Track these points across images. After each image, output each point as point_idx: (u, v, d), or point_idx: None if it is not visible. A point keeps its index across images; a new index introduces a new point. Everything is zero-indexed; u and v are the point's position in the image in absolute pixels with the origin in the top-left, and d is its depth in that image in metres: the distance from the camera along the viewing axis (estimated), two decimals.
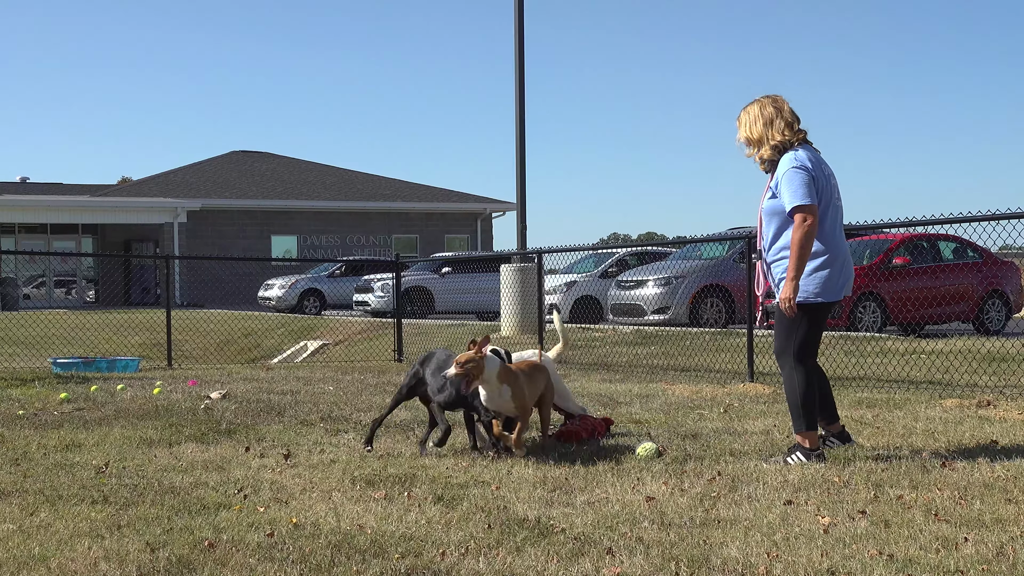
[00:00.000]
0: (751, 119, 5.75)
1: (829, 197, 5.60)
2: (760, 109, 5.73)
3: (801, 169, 5.50)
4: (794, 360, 5.63)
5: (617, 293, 18.47)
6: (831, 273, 5.59)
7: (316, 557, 3.86)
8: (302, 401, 8.77)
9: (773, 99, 5.76)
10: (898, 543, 3.95)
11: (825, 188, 5.57)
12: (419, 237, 41.23)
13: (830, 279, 5.60)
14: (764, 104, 5.74)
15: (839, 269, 5.63)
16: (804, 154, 5.59)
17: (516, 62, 18.23)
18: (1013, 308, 16.28)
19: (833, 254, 5.60)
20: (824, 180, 5.58)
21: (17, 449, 6.36)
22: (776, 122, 5.67)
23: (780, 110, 5.70)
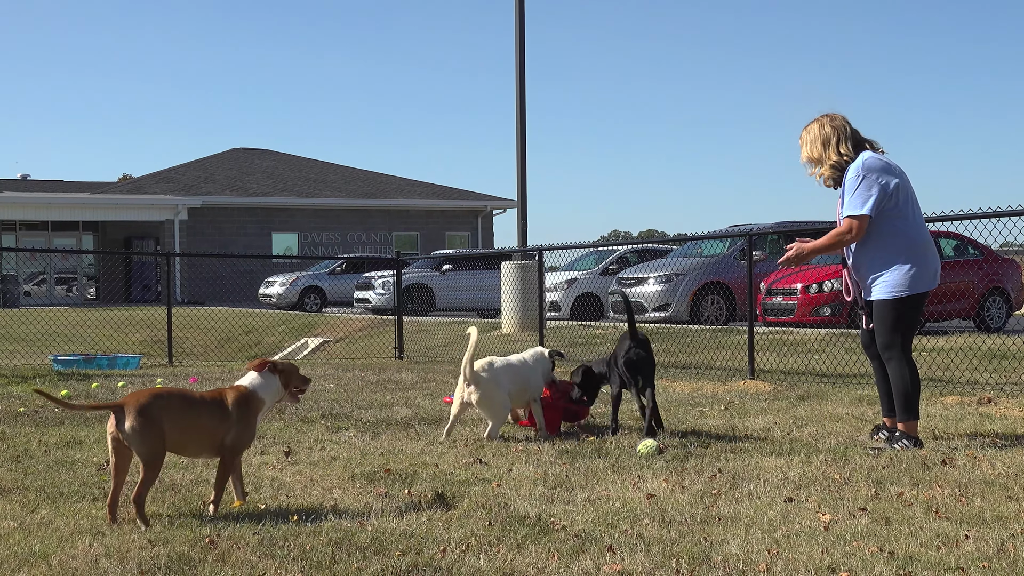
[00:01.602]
0: (811, 139, 5.99)
1: (906, 194, 5.79)
2: (819, 129, 5.96)
3: (866, 175, 5.74)
4: (901, 352, 5.84)
5: (618, 291, 18.46)
6: (919, 269, 5.79)
7: (317, 554, 3.86)
8: (303, 399, 8.78)
9: (831, 118, 5.97)
10: (899, 540, 3.96)
11: (901, 186, 5.77)
12: (420, 234, 41.22)
13: (919, 274, 5.80)
14: (823, 124, 5.96)
15: (930, 264, 5.84)
16: (870, 157, 5.80)
17: (517, 60, 18.22)
18: (1014, 305, 16.27)
19: (920, 252, 5.80)
20: (898, 177, 5.78)
21: (18, 446, 6.36)
22: (834, 140, 5.89)
23: (837, 129, 5.91)
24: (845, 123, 5.94)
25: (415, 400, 8.68)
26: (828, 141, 5.92)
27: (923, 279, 5.80)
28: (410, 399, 8.75)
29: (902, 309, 5.79)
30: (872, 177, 5.73)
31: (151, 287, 36.65)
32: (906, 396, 5.83)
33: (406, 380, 10.44)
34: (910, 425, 5.86)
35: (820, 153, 5.95)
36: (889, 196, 5.74)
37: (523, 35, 18.18)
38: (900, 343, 5.83)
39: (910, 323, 5.86)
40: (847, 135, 5.91)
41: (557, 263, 16.27)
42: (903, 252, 5.78)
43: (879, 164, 5.78)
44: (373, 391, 9.35)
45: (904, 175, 5.85)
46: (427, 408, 8.09)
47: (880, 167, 5.77)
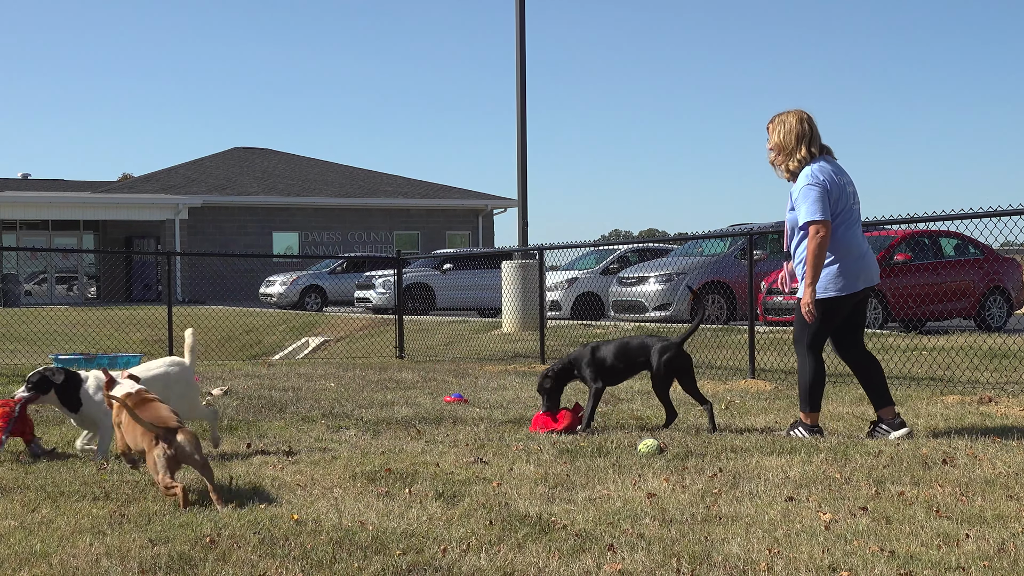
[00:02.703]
0: (787, 129, 6.24)
1: (845, 204, 6.13)
2: (797, 122, 6.23)
3: (815, 185, 6.05)
4: (807, 348, 6.28)
5: (618, 290, 18.47)
6: (841, 269, 6.14)
7: (317, 553, 3.86)
8: (303, 398, 8.78)
9: (808, 118, 6.27)
10: (899, 539, 3.96)
11: (840, 197, 6.11)
12: (420, 233, 41.22)
13: (836, 275, 6.15)
14: (801, 119, 6.24)
15: (851, 264, 6.15)
16: (820, 168, 6.13)
17: (517, 59, 18.22)
18: (1014, 305, 16.27)
19: (844, 253, 6.13)
20: (839, 189, 6.11)
21: (18, 445, 6.36)
22: (806, 139, 6.20)
23: (811, 130, 6.23)
24: (815, 125, 6.26)
25: (416, 399, 8.68)
26: (802, 138, 6.20)
27: (841, 284, 6.14)
28: (411, 398, 8.75)
29: (817, 309, 6.15)
30: (823, 187, 6.06)
31: (152, 286, 36.65)
32: (805, 388, 6.28)
33: (407, 379, 10.44)
34: (810, 416, 6.32)
35: (792, 146, 6.22)
36: (833, 205, 6.09)
37: (523, 34, 18.18)
38: (808, 339, 6.26)
39: (822, 322, 6.21)
40: (816, 138, 6.23)
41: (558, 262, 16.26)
42: (834, 256, 6.12)
43: (827, 175, 6.10)
44: (374, 390, 9.36)
45: (846, 187, 6.18)
46: (428, 407, 8.09)
47: (827, 178, 6.09)
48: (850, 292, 6.18)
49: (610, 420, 7.18)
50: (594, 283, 20.04)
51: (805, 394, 6.30)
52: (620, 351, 6.90)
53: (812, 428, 6.29)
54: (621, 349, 6.91)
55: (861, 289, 6.24)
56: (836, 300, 6.18)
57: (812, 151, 6.19)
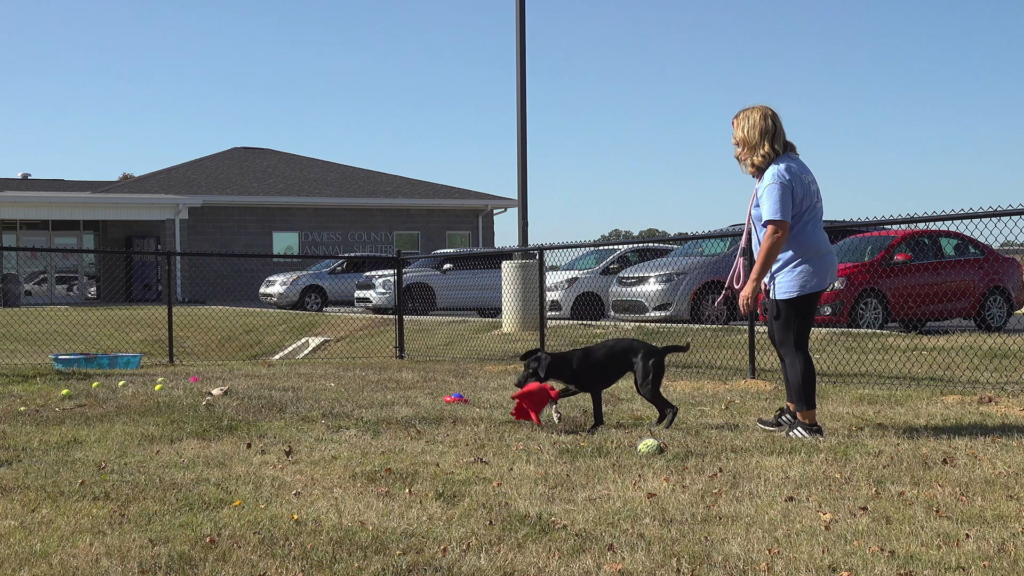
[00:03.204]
0: (751, 124, 6.31)
1: (811, 202, 6.24)
2: (761, 119, 6.29)
3: (780, 185, 6.14)
4: (795, 348, 6.30)
5: (618, 290, 18.48)
6: (810, 267, 6.23)
7: (317, 553, 3.87)
8: (303, 398, 8.78)
9: (773, 114, 6.33)
10: (899, 539, 3.96)
11: (806, 195, 6.21)
12: (420, 233, 41.24)
13: (811, 272, 6.24)
14: (766, 115, 6.31)
15: (818, 262, 6.25)
16: (786, 167, 6.21)
17: (517, 58, 18.22)
18: (1014, 304, 16.27)
19: (814, 250, 6.24)
20: (804, 188, 6.21)
21: (19, 445, 6.36)
22: (770, 135, 6.27)
23: (776, 126, 6.30)
24: (780, 121, 6.33)
25: (416, 399, 8.68)
26: (766, 133, 6.27)
27: (813, 281, 6.23)
28: (411, 398, 8.75)
29: (794, 309, 6.25)
30: (788, 187, 6.15)
31: (152, 286, 36.67)
32: (799, 388, 6.28)
33: (407, 379, 10.44)
34: (807, 414, 6.30)
35: (756, 142, 6.28)
36: (797, 204, 6.18)
37: (524, 34, 18.18)
38: (793, 340, 6.29)
39: (803, 321, 6.30)
40: (780, 134, 6.30)
41: (558, 262, 16.28)
42: (798, 256, 6.22)
43: (793, 174, 6.19)
44: (374, 390, 9.36)
45: (810, 185, 6.27)
46: (428, 407, 8.10)
47: (793, 178, 6.18)
48: (824, 288, 6.31)
49: (610, 420, 7.18)
50: (594, 283, 20.05)
51: (799, 393, 6.30)
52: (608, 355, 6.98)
53: (811, 427, 6.29)
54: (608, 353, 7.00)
55: (825, 288, 6.36)
56: (813, 297, 6.29)
57: (776, 147, 6.26)
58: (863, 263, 15.47)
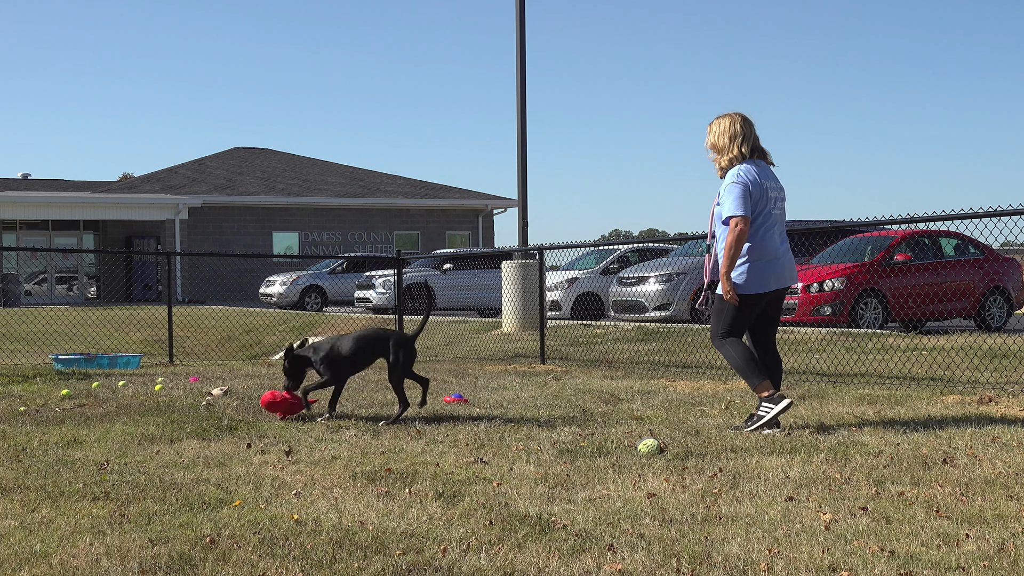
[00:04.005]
0: (721, 130, 6.65)
1: (764, 207, 6.52)
2: (731, 124, 6.63)
3: (739, 184, 6.46)
4: (722, 338, 6.66)
5: (618, 290, 18.48)
6: (753, 269, 6.53)
7: (317, 553, 3.87)
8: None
9: (743, 119, 6.65)
10: (899, 539, 3.96)
11: (761, 199, 6.50)
12: (420, 233, 41.24)
13: (753, 275, 6.53)
14: (734, 121, 6.63)
15: (763, 266, 6.54)
16: (747, 169, 6.52)
17: (517, 58, 18.22)
18: (1014, 304, 16.27)
19: (759, 254, 6.53)
20: (760, 191, 6.50)
21: (18, 445, 6.36)
22: (738, 139, 6.58)
23: (744, 130, 6.61)
24: (751, 127, 6.64)
25: (416, 399, 8.67)
26: (734, 138, 6.59)
27: (753, 283, 6.54)
28: (411, 398, 8.74)
29: (727, 303, 6.58)
30: (745, 186, 6.46)
31: (152, 286, 36.67)
32: (742, 368, 6.58)
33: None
34: (760, 388, 6.53)
35: (725, 145, 6.61)
36: (752, 207, 6.48)
37: (523, 34, 18.18)
38: (722, 331, 6.65)
39: (736, 317, 6.60)
40: (749, 138, 6.60)
41: (558, 262, 16.27)
42: (744, 256, 6.52)
43: (751, 178, 6.49)
44: (374, 390, 9.35)
45: (768, 191, 6.54)
46: (428, 407, 8.10)
47: (751, 180, 6.48)
48: (760, 292, 6.57)
49: (610, 420, 7.18)
50: (594, 283, 20.05)
51: (745, 372, 6.55)
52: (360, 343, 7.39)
53: (771, 398, 6.48)
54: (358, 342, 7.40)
55: (774, 290, 6.62)
56: (748, 298, 6.56)
57: (743, 151, 6.56)
58: (863, 263, 15.47)
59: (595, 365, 11.72)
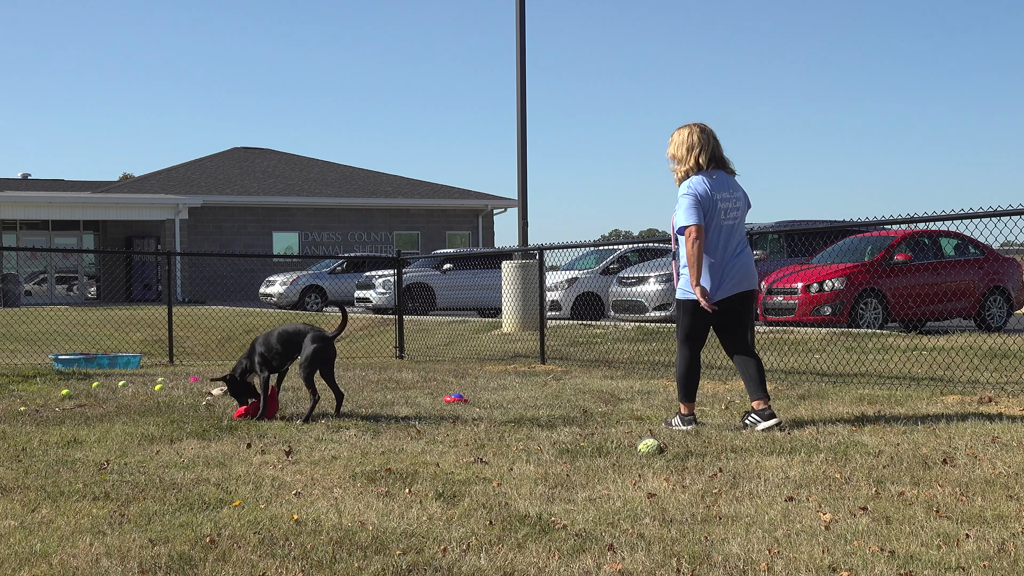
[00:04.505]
0: (680, 141, 6.81)
1: (712, 218, 6.70)
2: (689, 135, 6.78)
3: (688, 195, 6.65)
4: (681, 343, 6.89)
5: (618, 290, 18.47)
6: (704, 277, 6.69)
7: (317, 553, 3.87)
8: (303, 398, 8.77)
9: (702, 129, 6.81)
10: (899, 539, 3.96)
11: (709, 211, 6.68)
12: (420, 233, 41.23)
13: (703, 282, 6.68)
14: (693, 132, 6.79)
15: (711, 275, 6.72)
16: (698, 180, 6.69)
17: (517, 58, 18.22)
18: (1015, 304, 16.27)
19: (705, 263, 6.71)
20: (710, 203, 6.67)
21: (18, 445, 6.36)
22: (695, 151, 6.74)
23: (702, 141, 6.76)
24: (710, 138, 6.78)
25: (416, 399, 8.68)
26: (691, 149, 6.74)
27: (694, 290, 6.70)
28: (411, 398, 8.75)
29: (682, 307, 6.87)
30: (695, 197, 6.64)
31: (152, 286, 36.66)
32: (680, 380, 6.86)
33: (407, 379, 10.44)
34: (685, 406, 6.85)
35: (683, 156, 6.77)
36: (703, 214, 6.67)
37: (523, 34, 18.19)
38: (681, 335, 6.88)
39: (690, 320, 6.83)
40: (708, 148, 6.75)
41: (558, 262, 16.27)
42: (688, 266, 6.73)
43: (702, 189, 6.66)
44: (374, 390, 9.35)
45: (719, 202, 6.70)
46: (428, 407, 8.10)
47: (701, 191, 6.66)
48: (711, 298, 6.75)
49: (610, 420, 7.18)
50: (594, 283, 20.05)
51: (680, 385, 6.85)
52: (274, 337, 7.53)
53: (686, 417, 6.81)
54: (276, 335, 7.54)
55: (726, 297, 6.76)
56: (693, 303, 6.77)
57: (701, 162, 6.72)
58: (863, 263, 15.47)
59: (595, 365, 11.72)
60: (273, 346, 7.50)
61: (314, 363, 7.39)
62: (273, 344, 7.51)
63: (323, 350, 7.42)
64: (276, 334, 7.54)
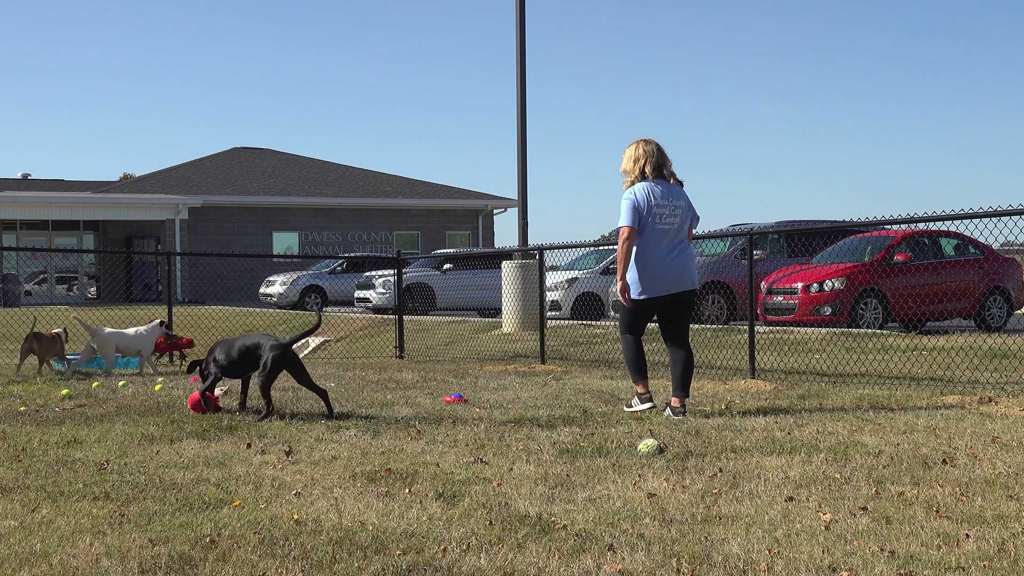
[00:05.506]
0: (628, 155, 7.53)
1: (650, 223, 7.36)
2: (635, 150, 7.51)
3: (627, 200, 7.38)
4: (622, 333, 7.66)
5: None
6: (638, 276, 7.43)
7: (317, 553, 3.87)
8: (303, 398, 8.77)
9: (646, 143, 7.52)
10: (899, 539, 3.96)
11: (648, 216, 7.36)
12: (420, 233, 41.23)
13: (639, 281, 7.44)
14: (639, 146, 7.51)
15: (648, 274, 7.41)
16: (639, 187, 7.39)
17: (517, 58, 18.23)
18: (1014, 304, 16.27)
19: (642, 264, 7.41)
20: (648, 209, 7.35)
21: (19, 445, 6.36)
22: (640, 162, 7.46)
23: (647, 153, 7.46)
24: (655, 150, 7.47)
25: (416, 399, 8.68)
26: (637, 160, 7.46)
27: (639, 289, 7.45)
28: (411, 398, 8.75)
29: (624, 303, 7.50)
30: (634, 202, 7.35)
31: (152, 286, 36.66)
32: (630, 363, 7.59)
33: (407, 379, 10.44)
34: (639, 384, 7.54)
35: (630, 168, 7.48)
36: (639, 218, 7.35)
37: (523, 34, 18.19)
38: (623, 326, 7.63)
39: (626, 314, 7.57)
40: (652, 159, 7.43)
41: (558, 262, 16.27)
42: (634, 264, 7.43)
43: (641, 195, 7.36)
44: (374, 390, 9.36)
45: (655, 208, 7.35)
46: (428, 407, 8.10)
47: (640, 197, 7.36)
48: (647, 296, 7.44)
49: (610, 420, 7.18)
50: (594, 283, 20.04)
51: (631, 369, 7.60)
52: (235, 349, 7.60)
53: (643, 396, 7.50)
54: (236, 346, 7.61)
55: (660, 295, 7.44)
56: (638, 301, 7.46)
57: (645, 171, 7.42)
58: (863, 263, 15.47)
59: (595, 365, 11.72)
60: (232, 356, 7.60)
61: (271, 372, 7.41)
62: (232, 355, 7.60)
63: (279, 358, 7.42)
64: (236, 346, 7.60)
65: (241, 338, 7.71)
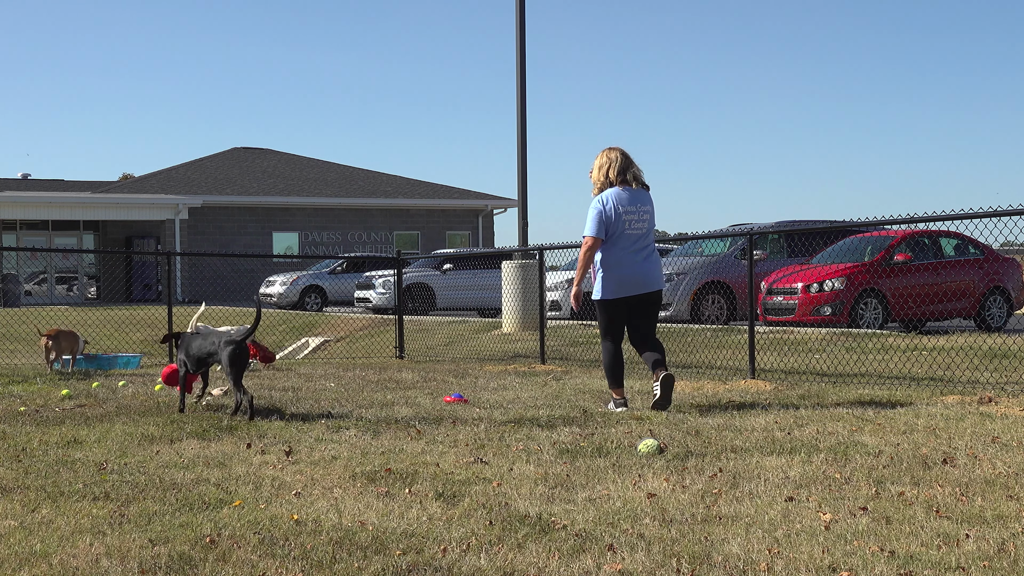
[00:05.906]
0: (597, 164, 7.80)
1: (617, 229, 7.63)
2: (600, 158, 7.80)
3: (594, 208, 7.67)
4: (601, 338, 7.89)
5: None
6: (605, 279, 7.72)
7: (317, 553, 3.87)
8: (303, 398, 8.78)
9: (611, 151, 7.79)
10: (899, 539, 3.96)
11: (614, 222, 7.63)
12: (420, 233, 41.23)
13: (603, 282, 7.73)
14: (605, 153, 7.80)
15: (615, 277, 7.69)
16: (606, 196, 7.65)
17: (517, 58, 18.23)
18: (1014, 305, 16.27)
19: (608, 268, 7.69)
20: (616, 215, 7.62)
21: (19, 445, 6.36)
22: (605, 168, 7.74)
23: (611, 160, 7.74)
24: (619, 156, 7.74)
25: (416, 399, 8.68)
26: (603, 167, 7.75)
27: (606, 291, 7.73)
28: (411, 398, 8.75)
29: (598, 308, 7.83)
30: (600, 211, 7.63)
31: (152, 286, 36.67)
32: (607, 369, 7.79)
33: (407, 379, 10.44)
34: (616, 391, 7.78)
35: (596, 175, 7.77)
36: (605, 227, 7.62)
37: (523, 34, 18.19)
38: (601, 331, 7.87)
39: (604, 317, 7.81)
40: (617, 165, 7.70)
41: (558, 262, 16.27)
42: (600, 267, 7.71)
43: (609, 204, 7.62)
44: (374, 390, 9.36)
45: (623, 215, 7.62)
46: (428, 407, 8.10)
47: (608, 206, 7.62)
48: (613, 297, 7.71)
49: (610, 420, 7.18)
50: None
51: (608, 374, 7.78)
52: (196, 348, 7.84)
53: (618, 401, 7.72)
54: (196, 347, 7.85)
55: (630, 295, 7.70)
56: (604, 303, 7.76)
57: (611, 177, 7.70)
58: (863, 263, 15.47)
59: (595, 365, 11.72)
60: (192, 352, 7.86)
61: (233, 366, 7.54)
62: (192, 352, 7.86)
63: (236, 353, 7.58)
64: (195, 343, 7.86)
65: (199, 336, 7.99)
